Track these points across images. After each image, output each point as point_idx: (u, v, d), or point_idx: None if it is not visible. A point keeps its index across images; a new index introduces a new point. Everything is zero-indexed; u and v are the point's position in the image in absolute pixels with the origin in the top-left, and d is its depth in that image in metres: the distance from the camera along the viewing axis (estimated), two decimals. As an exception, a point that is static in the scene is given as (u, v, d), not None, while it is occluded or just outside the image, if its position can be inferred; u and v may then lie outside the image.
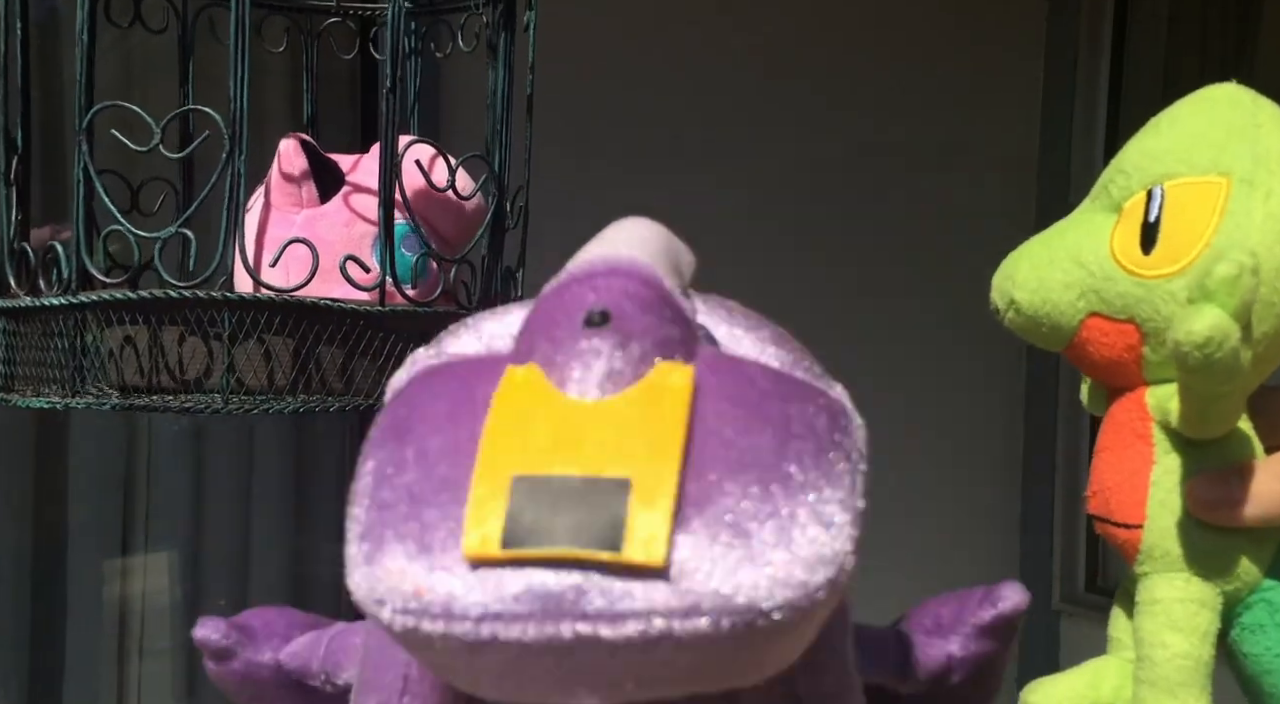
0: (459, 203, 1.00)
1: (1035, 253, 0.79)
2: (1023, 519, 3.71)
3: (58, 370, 0.90)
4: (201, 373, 0.88)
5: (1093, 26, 3.59)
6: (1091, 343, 0.74)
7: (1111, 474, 0.74)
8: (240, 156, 0.87)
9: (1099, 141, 3.57)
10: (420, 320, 0.94)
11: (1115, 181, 0.77)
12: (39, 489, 2.73)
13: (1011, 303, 0.77)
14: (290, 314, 0.88)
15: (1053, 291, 0.75)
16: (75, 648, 2.78)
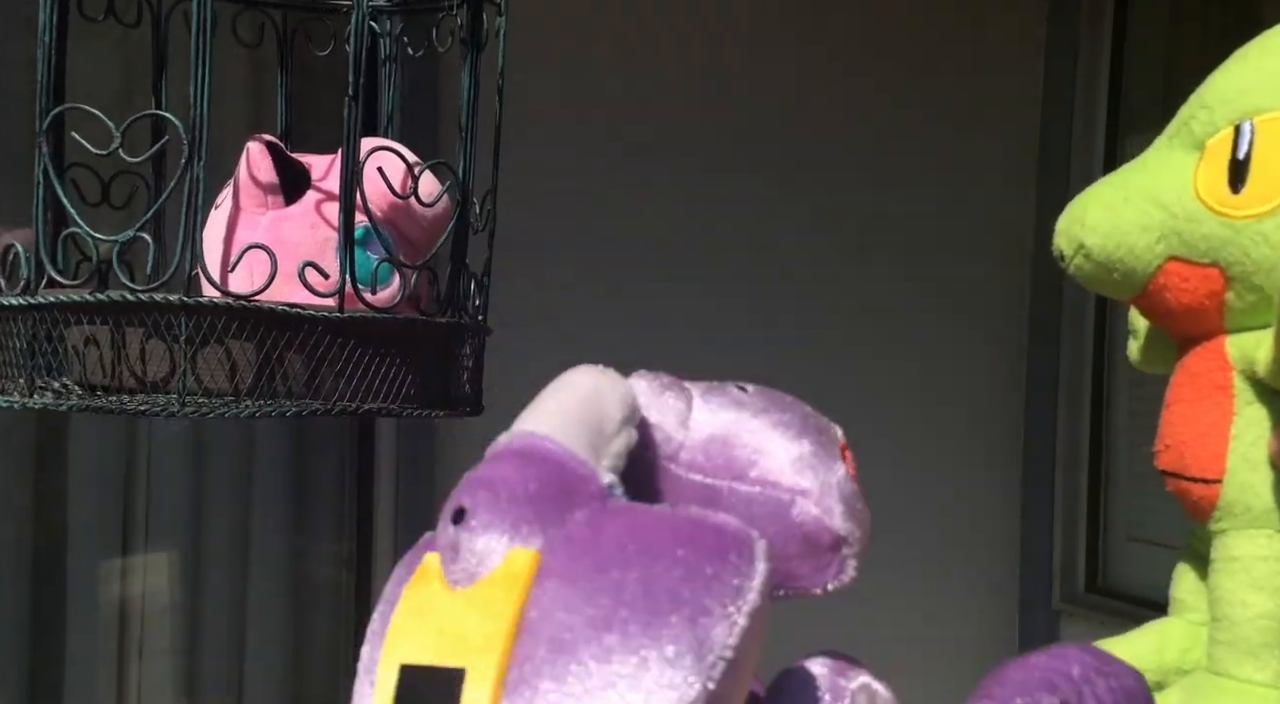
0: (423, 207, 1.00)
1: (1107, 195, 0.73)
2: (1023, 519, 3.70)
3: (17, 369, 0.90)
4: (167, 373, 0.88)
5: (1093, 26, 3.58)
6: (1170, 289, 0.71)
7: (1187, 427, 0.71)
8: (199, 163, 0.87)
9: (1099, 142, 3.56)
10: (381, 326, 0.94)
11: (1197, 117, 0.73)
12: (39, 489, 2.73)
13: (1080, 248, 0.72)
14: (248, 319, 0.88)
15: (1128, 234, 0.71)
16: (75, 648, 2.78)
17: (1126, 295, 0.73)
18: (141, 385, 0.89)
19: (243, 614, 2.94)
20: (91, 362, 0.89)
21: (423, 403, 0.96)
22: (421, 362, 0.96)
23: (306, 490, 3.00)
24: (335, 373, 0.90)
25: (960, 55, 3.52)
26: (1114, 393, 3.55)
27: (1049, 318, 3.58)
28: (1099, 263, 0.72)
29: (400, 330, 0.95)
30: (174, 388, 0.87)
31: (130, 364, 0.88)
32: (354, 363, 0.92)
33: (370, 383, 0.92)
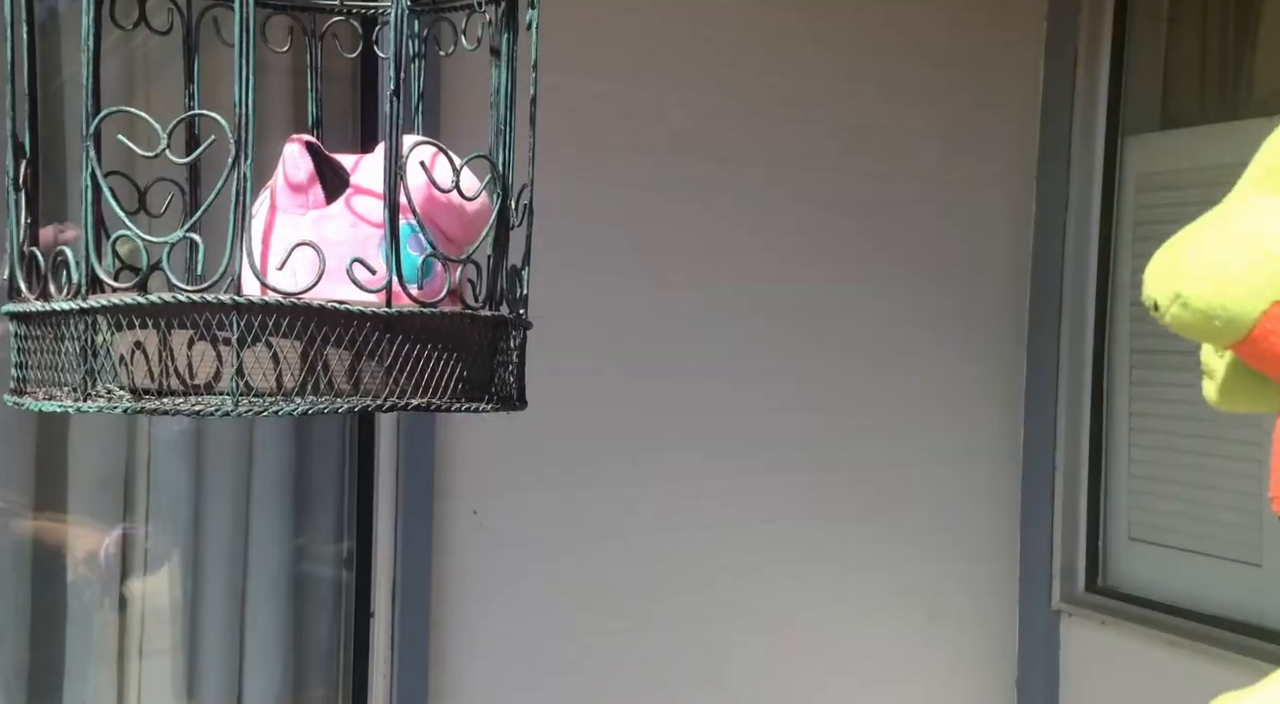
0: (463, 203, 1.00)
1: (1202, 242, 0.73)
2: (1023, 520, 3.71)
3: (68, 374, 0.90)
4: (211, 376, 0.88)
5: (1093, 26, 3.59)
6: (1277, 333, 0.71)
7: None
8: (246, 161, 0.86)
9: (1099, 143, 3.57)
10: (426, 321, 0.93)
11: None
12: (39, 489, 2.72)
13: (1177, 297, 0.71)
14: (298, 317, 0.88)
15: (1235, 277, 0.71)
16: (75, 648, 2.77)
17: (1227, 342, 0.72)
18: (187, 386, 0.89)
19: (243, 614, 2.94)
20: (139, 364, 0.88)
21: (470, 397, 0.96)
22: (468, 356, 0.96)
23: (306, 490, 3.00)
24: (384, 369, 0.90)
25: (960, 55, 3.53)
26: (1114, 393, 3.56)
27: (1049, 318, 3.59)
28: (1199, 310, 0.72)
29: (446, 325, 0.95)
30: (224, 388, 0.86)
31: (177, 365, 0.87)
32: (402, 358, 0.91)
33: (419, 378, 0.92)
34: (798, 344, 3.34)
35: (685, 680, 3.26)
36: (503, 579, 3.01)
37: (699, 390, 3.22)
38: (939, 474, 3.58)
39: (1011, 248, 3.65)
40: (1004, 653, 3.72)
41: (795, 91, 3.30)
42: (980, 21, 3.56)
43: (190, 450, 2.88)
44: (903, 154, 3.46)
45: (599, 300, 3.07)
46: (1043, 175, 3.64)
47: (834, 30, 3.35)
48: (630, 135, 3.08)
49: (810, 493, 3.37)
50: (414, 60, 1.23)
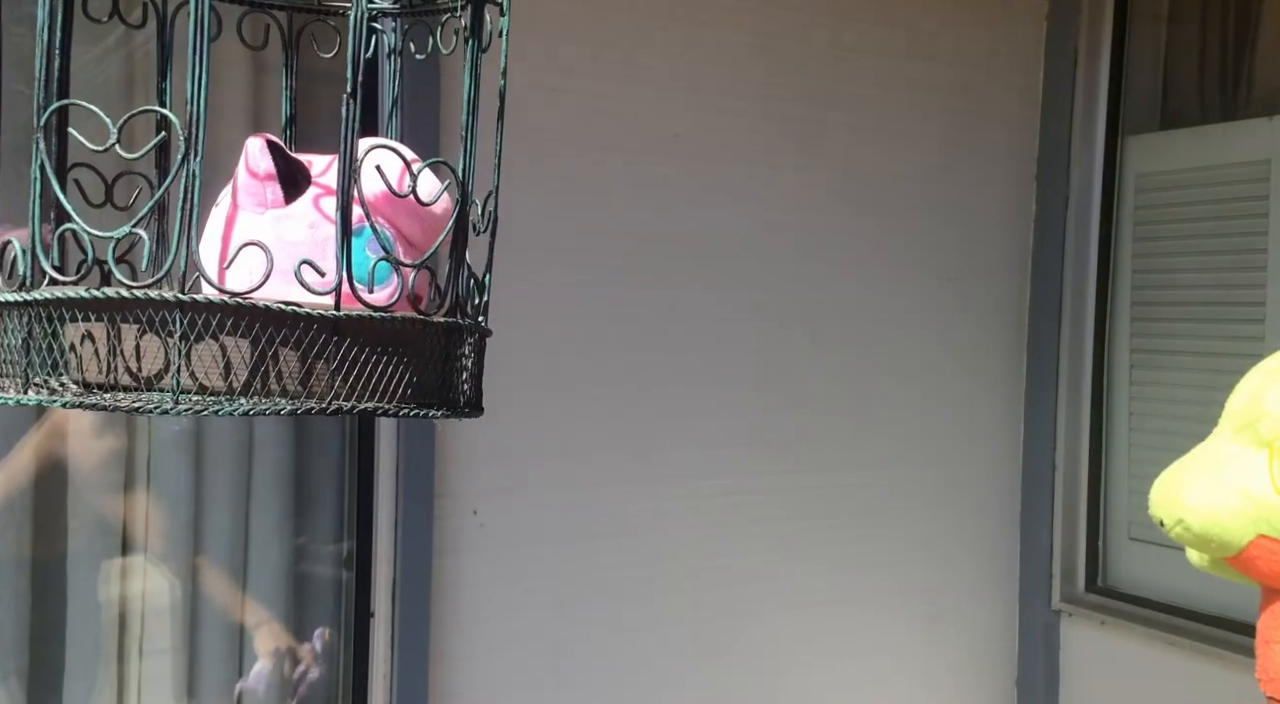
0: (422, 207, 1.00)
1: (1196, 480, 0.95)
2: (1023, 520, 3.70)
3: (13, 366, 0.90)
4: (160, 370, 0.88)
5: (1093, 26, 3.58)
6: (1261, 559, 0.92)
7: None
8: (196, 159, 0.86)
9: (1099, 143, 3.56)
10: (377, 325, 0.93)
11: (1263, 423, 0.93)
12: (39, 491, 2.73)
13: (1180, 521, 0.96)
14: (243, 316, 0.87)
15: (1223, 516, 0.93)
16: (75, 648, 2.78)
17: (1222, 555, 0.94)
18: (136, 382, 0.88)
19: (243, 614, 2.94)
20: (87, 358, 0.88)
21: (420, 403, 0.96)
22: (420, 361, 0.96)
23: (306, 490, 3.00)
24: (331, 371, 0.90)
25: (961, 55, 3.52)
26: (1114, 393, 3.56)
27: (1049, 318, 3.58)
28: (1198, 535, 0.98)
29: (397, 330, 0.94)
30: (168, 385, 0.86)
31: (125, 361, 0.87)
32: (350, 361, 0.91)
33: (367, 382, 0.91)
34: (797, 344, 3.34)
35: (685, 680, 3.26)
36: (503, 579, 3.01)
37: (699, 390, 3.22)
38: (939, 474, 3.58)
39: (1011, 248, 3.64)
40: (1004, 653, 3.72)
41: (794, 91, 3.30)
42: (980, 21, 3.56)
43: (190, 450, 2.88)
44: (902, 154, 3.46)
45: (600, 301, 3.07)
46: (1043, 175, 3.64)
47: (833, 30, 3.35)
48: (630, 136, 3.08)
49: (810, 493, 3.37)
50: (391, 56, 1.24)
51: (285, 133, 1.23)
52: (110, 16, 1.14)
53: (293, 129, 1.24)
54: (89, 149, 0.91)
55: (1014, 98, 3.64)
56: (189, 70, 0.88)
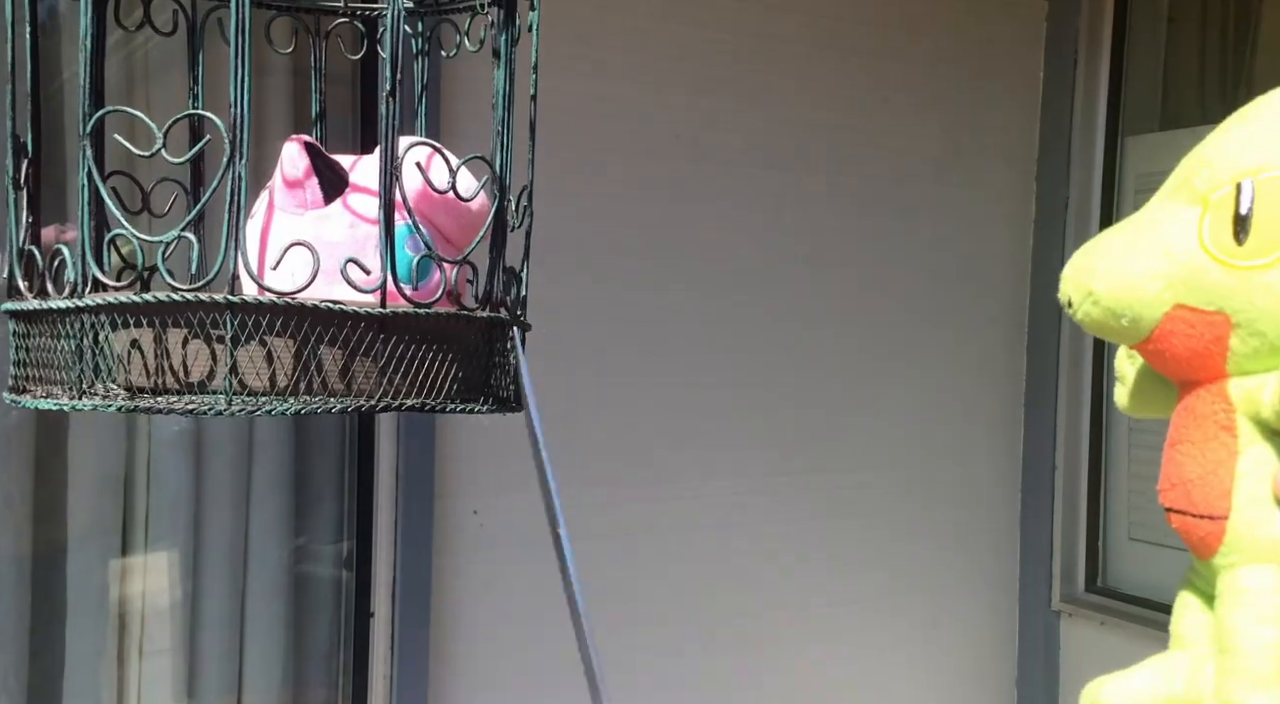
0: (461, 203, 1.00)
1: (1114, 245, 0.78)
2: (1023, 519, 3.71)
3: (65, 372, 0.90)
4: (205, 375, 0.88)
5: (1093, 26, 3.59)
6: (1176, 335, 0.74)
7: (1192, 466, 0.74)
8: (241, 161, 0.86)
9: (1099, 142, 3.57)
10: (421, 322, 0.93)
11: (1199, 174, 0.76)
12: (39, 490, 2.73)
13: (1089, 294, 0.76)
14: (291, 316, 0.88)
15: (1137, 281, 0.75)
16: (75, 648, 2.78)
17: (1131, 341, 0.78)
18: (181, 386, 0.89)
19: (243, 614, 2.94)
20: (135, 363, 0.89)
21: (466, 398, 0.96)
22: (464, 357, 0.96)
23: (306, 490, 3.00)
24: (379, 369, 0.90)
25: (960, 55, 3.53)
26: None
27: (1049, 318, 3.59)
28: (1107, 308, 0.77)
29: (441, 326, 0.95)
30: (219, 386, 0.87)
31: (172, 364, 0.88)
32: (397, 358, 0.91)
33: (414, 378, 0.92)
34: (797, 344, 3.34)
35: (686, 680, 3.26)
36: (503, 579, 3.01)
37: (699, 391, 3.22)
38: (939, 474, 3.58)
39: (1011, 248, 3.65)
40: (1004, 653, 3.73)
41: (794, 92, 3.30)
42: (980, 22, 3.57)
43: (190, 450, 2.88)
44: (902, 154, 3.46)
45: (600, 301, 3.07)
46: (1043, 175, 3.64)
47: (833, 31, 3.35)
48: (630, 137, 3.08)
49: (810, 494, 3.37)
50: (416, 60, 1.24)
51: (315, 132, 1.23)
52: (141, 25, 1.14)
53: (323, 126, 1.25)
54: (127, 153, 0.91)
55: (1014, 98, 3.65)
56: (231, 73, 0.88)
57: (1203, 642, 0.77)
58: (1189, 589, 0.80)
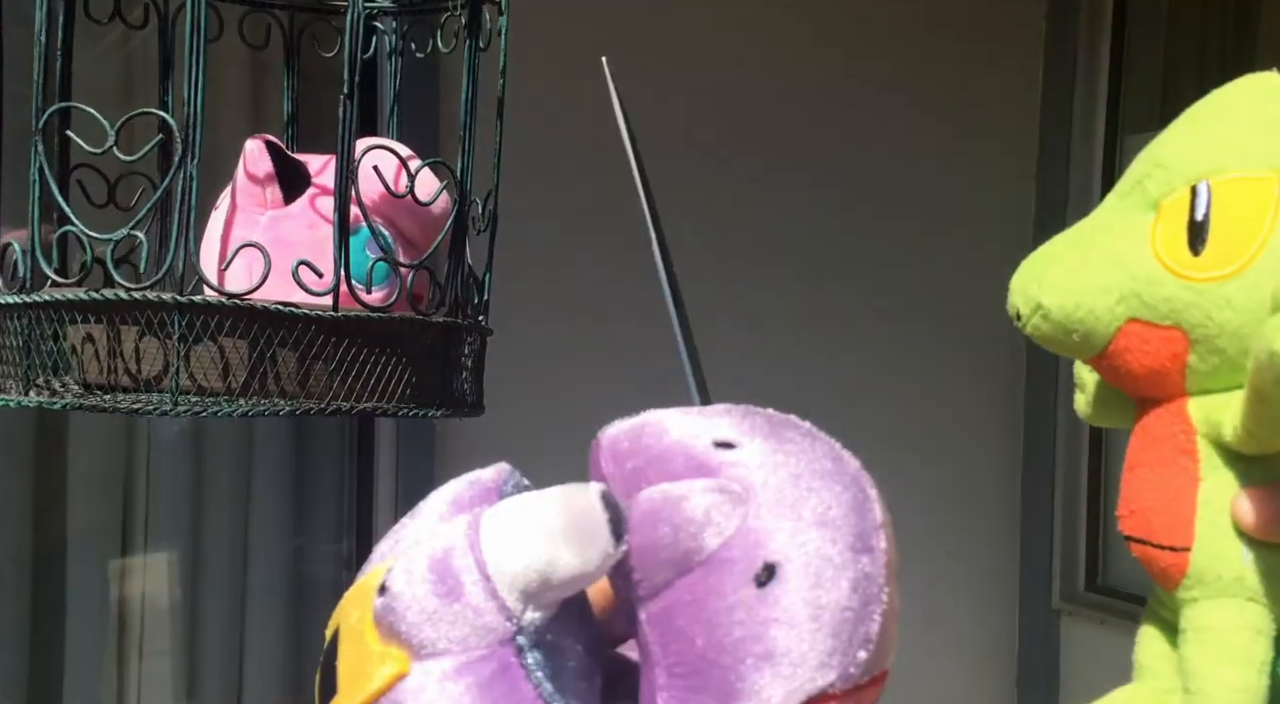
0: (422, 207, 1.00)
1: (1064, 254, 0.73)
2: (1023, 519, 3.71)
3: (13, 367, 0.91)
4: (159, 372, 0.88)
5: (1093, 26, 3.58)
6: (1130, 351, 0.68)
7: (1152, 493, 0.69)
8: (193, 161, 0.87)
9: (1099, 142, 3.57)
10: (375, 326, 0.94)
11: (1152, 176, 0.69)
12: (39, 491, 2.74)
13: (1038, 308, 0.72)
14: (241, 317, 0.88)
15: (1088, 295, 0.69)
16: (75, 648, 2.79)
17: (1085, 356, 0.72)
18: (136, 384, 0.89)
19: (243, 614, 2.95)
20: (88, 360, 0.89)
21: (420, 403, 0.96)
22: (418, 361, 0.96)
23: (306, 491, 3.01)
24: (330, 372, 0.90)
25: (960, 55, 3.53)
26: (1114, 393, 3.56)
27: (1049, 318, 3.58)
28: (1057, 323, 0.71)
29: (395, 330, 0.95)
30: (167, 386, 0.87)
31: (125, 362, 0.88)
32: (349, 362, 0.91)
33: (366, 382, 0.92)
34: (795, 344, 3.34)
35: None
36: (502, 579, 3.01)
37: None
38: (938, 474, 3.58)
39: (1011, 248, 3.63)
40: (1004, 653, 3.72)
41: (793, 92, 3.30)
42: (980, 22, 3.56)
43: (190, 450, 2.89)
44: (901, 154, 3.46)
45: (601, 301, 3.07)
46: (1043, 175, 3.64)
47: (832, 30, 3.35)
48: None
49: (810, 493, 3.37)
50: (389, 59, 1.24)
51: (286, 132, 1.23)
52: (111, 18, 1.14)
53: (294, 128, 1.25)
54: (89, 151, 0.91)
55: (1014, 97, 3.65)
56: (186, 71, 0.88)
57: (1167, 675, 0.73)
58: (1153, 619, 0.75)
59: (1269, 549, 0.63)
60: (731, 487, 0.49)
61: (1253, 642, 0.64)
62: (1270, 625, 0.64)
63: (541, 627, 0.49)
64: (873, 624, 0.49)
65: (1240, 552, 0.64)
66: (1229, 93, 0.70)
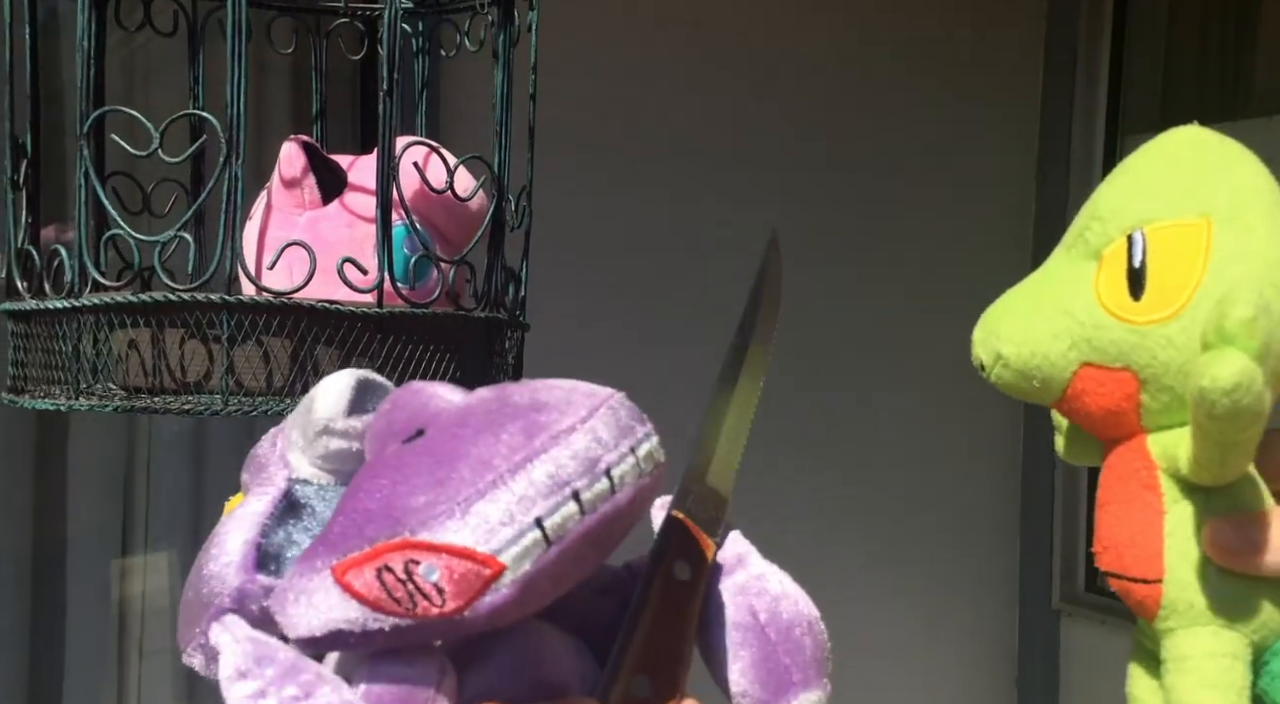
0: (459, 203, 1.00)
1: (1017, 306, 0.76)
2: (1023, 520, 3.72)
3: (63, 372, 0.91)
4: (202, 375, 0.88)
5: (1093, 26, 3.59)
6: (1088, 394, 0.72)
7: (1121, 528, 0.71)
8: (238, 161, 0.86)
9: (1099, 142, 3.58)
10: (419, 322, 0.94)
11: (1091, 229, 0.74)
12: (39, 490, 2.73)
13: (998, 358, 0.74)
14: (288, 316, 0.88)
15: (1041, 343, 0.72)
16: (75, 648, 2.78)
17: (1048, 401, 0.75)
18: (179, 386, 0.89)
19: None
20: (133, 363, 0.89)
21: (464, 398, 0.96)
22: (461, 358, 0.97)
23: (306, 490, 3.00)
24: (374, 368, 0.90)
25: (960, 55, 3.53)
26: (1114, 392, 3.57)
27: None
28: (1017, 371, 0.74)
29: (439, 326, 0.95)
30: (215, 387, 0.87)
31: (170, 364, 0.88)
32: (394, 358, 0.92)
33: (408, 377, 0.91)
34: (795, 345, 3.33)
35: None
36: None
37: (697, 392, 3.21)
38: (938, 474, 3.59)
39: (1011, 248, 3.65)
40: (1004, 653, 3.73)
41: (793, 92, 3.31)
42: (980, 22, 3.57)
43: (190, 450, 2.88)
44: (901, 154, 3.47)
45: (601, 301, 3.07)
46: (1043, 175, 3.65)
47: (832, 31, 3.36)
48: (630, 137, 3.08)
49: (809, 494, 3.37)
50: (415, 57, 1.24)
51: (314, 132, 1.24)
52: (141, 26, 1.14)
53: (323, 124, 1.25)
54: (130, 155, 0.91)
55: (1014, 98, 3.66)
56: (228, 74, 0.89)
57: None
58: (1139, 651, 0.77)
59: (1237, 576, 0.65)
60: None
61: (1230, 668, 0.66)
62: (1246, 650, 0.66)
63: (307, 489, 0.64)
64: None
65: (1209, 580, 0.66)
66: (1157, 146, 0.74)
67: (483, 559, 0.52)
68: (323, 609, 0.53)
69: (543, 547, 0.52)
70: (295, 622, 0.54)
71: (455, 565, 0.52)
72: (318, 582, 0.53)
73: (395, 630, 0.53)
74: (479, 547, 0.52)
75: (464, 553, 0.52)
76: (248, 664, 0.53)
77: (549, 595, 0.56)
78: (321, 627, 0.53)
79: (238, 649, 0.54)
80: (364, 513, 0.54)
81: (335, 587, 0.53)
